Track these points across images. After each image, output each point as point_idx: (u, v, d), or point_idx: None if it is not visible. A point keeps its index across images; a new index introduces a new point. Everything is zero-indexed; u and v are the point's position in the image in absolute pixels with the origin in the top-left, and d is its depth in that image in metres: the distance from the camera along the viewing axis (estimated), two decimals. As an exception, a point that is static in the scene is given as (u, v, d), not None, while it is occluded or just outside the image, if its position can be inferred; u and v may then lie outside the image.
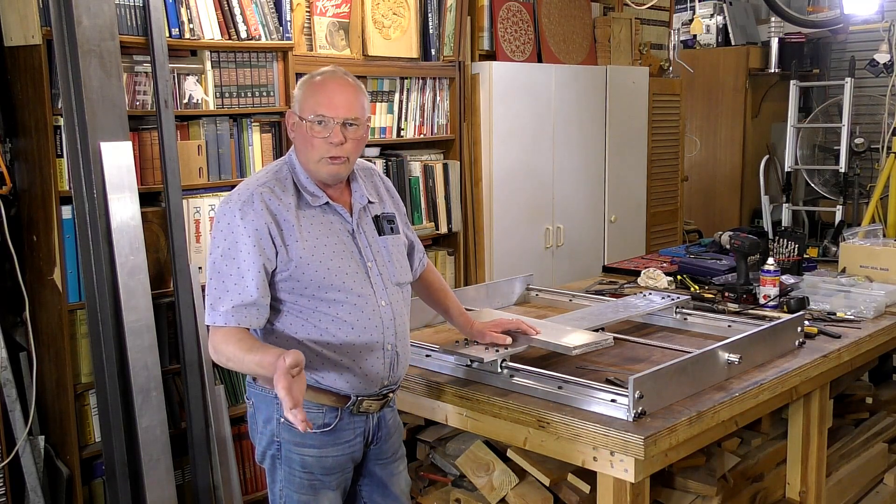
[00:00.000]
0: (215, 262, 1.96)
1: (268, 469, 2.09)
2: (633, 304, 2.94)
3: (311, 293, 1.97)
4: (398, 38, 3.81)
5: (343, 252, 2.02)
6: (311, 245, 1.97)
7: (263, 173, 2.05)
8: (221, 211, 1.98)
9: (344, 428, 2.05)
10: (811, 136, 6.48)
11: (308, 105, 1.98)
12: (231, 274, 1.93)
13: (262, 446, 2.08)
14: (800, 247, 3.59)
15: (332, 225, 2.03)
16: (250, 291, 1.92)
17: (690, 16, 6.23)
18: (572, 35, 4.72)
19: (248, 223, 1.93)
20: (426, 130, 4.01)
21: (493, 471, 2.46)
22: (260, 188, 1.97)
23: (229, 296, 1.93)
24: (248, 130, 3.33)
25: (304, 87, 2.02)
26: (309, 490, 2.05)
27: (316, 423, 1.99)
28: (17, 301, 2.97)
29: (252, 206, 1.94)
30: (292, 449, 2.03)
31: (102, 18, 2.78)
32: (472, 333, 2.36)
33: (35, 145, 2.87)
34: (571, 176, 4.65)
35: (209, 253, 1.99)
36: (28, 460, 2.91)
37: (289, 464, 2.04)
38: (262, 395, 2.05)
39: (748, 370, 2.38)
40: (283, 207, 1.97)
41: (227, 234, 1.95)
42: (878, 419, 3.50)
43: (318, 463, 2.04)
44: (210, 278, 1.96)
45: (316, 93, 1.99)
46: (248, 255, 1.93)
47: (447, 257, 4.15)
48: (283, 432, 2.02)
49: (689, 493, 2.59)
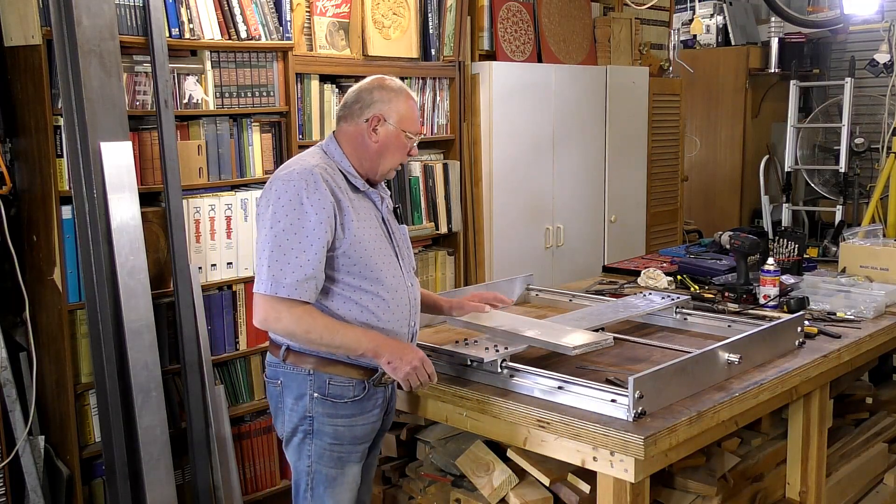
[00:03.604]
0: (277, 236, 2.03)
1: (295, 448, 2.20)
2: (633, 304, 2.94)
3: (359, 271, 2.11)
4: (398, 38, 3.81)
5: (381, 236, 2.19)
6: (362, 227, 2.12)
7: (309, 157, 2.16)
8: (283, 188, 2.05)
9: (370, 398, 2.20)
10: (811, 136, 6.48)
11: (410, 121, 2.20)
12: (293, 247, 2.02)
13: (292, 424, 2.18)
14: (800, 247, 3.59)
15: (371, 210, 2.20)
16: (313, 265, 2.03)
17: (690, 16, 6.23)
18: (572, 35, 4.72)
19: (314, 201, 2.04)
20: (426, 130, 4.01)
21: (493, 471, 2.45)
22: (317, 168, 2.09)
23: (291, 268, 2.02)
24: (248, 130, 3.33)
25: (402, 101, 2.20)
26: (337, 463, 2.19)
27: (346, 395, 2.16)
28: (17, 301, 2.97)
29: (316, 185, 2.05)
30: (325, 421, 2.15)
31: (102, 18, 2.78)
32: (451, 309, 2.52)
33: (35, 145, 2.87)
34: (571, 176, 4.65)
35: (266, 226, 2.05)
36: (28, 460, 2.91)
37: (320, 437, 2.16)
38: (291, 373, 2.16)
39: (748, 370, 2.38)
40: (338, 188, 2.11)
41: (289, 210, 2.03)
42: (878, 419, 3.50)
43: (350, 432, 2.18)
44: (271, 251, 2.03)
45: (414, 110, 2.22)
46: (314, 231, 2.03)
47: (447, 257, 4.15)
48: (316, 406, 2.15)
49: (689, 493, 2.59)
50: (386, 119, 2.17)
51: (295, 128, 3.43)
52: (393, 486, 2.77)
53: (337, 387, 2.14)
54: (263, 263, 2.05)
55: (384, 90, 2.19)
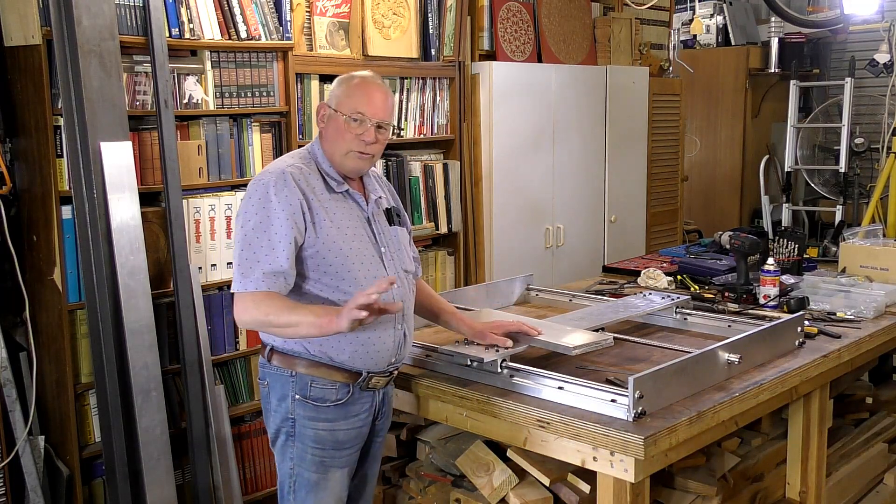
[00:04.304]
0: (246, 235, 2.05)
1: (279, 449, 2.19)
2: (633, 304, 2.94)
3: (335, 271, 2.09)
4: (398, 38, 3.81)
5: (361, 236, 2.16)
6: (335, 226, 2.11)
7: (289, 157, 2.18)
8: (253, 188, 2.09)
9: (355, 402, 2.16)
10: (811, 136, 6.48)
11: (348, 103, 2.14)
12: (262, 245, 2.03)
13: (275, 425, 2.17)
14: (800, 247, 3.59)
15: (351, 210, 2.17)
16: (281, 262, 2.02)
17: (690, 16, 6.23)
18: (572, 35, 4.72)
19: (281, 199, 2.05)
20: (426, 130, 4.01)
21: (493, 471, 2.45)
22: (290, 168, 2.10)
23: (260, 265, 2.02)
24: (248, 130, 3.33)
25: (344, 86, 2.18)
26: (320, 467, 2.16)
27: (328, 398, 2.13)
28: (17, 301, 2.97)
29: (285, 183, 2.06)
30: (306, 424, 2.13)
31: (102, 18, 2.78)
32: (473, 334, 2.38)
33: (35, 145, 2.87)
34: (571, 176, 4.65)
35: (238, 226, 2.08)
36: (28, 460, 2.91)
37: (302, 440, 2.14)
38: (276, 374, 2.15)
39: (748, 370, 2.38)
40: (310, 189, 2.10)
41: (258, 209, 2.05)
42: (878, 419, 3.50)
43: (331, 437, 2.15)
44: (241, 250, 2.05)
45: (357, 93, 2.15)
46: (281, 228, 2.03)
47: (447, 257, 4.15)
48: (297, 408, 2.13)
49: (689, 493, 2.59)
50: (329, 105, 2.18)
51: (295, 128, 3.43)
52: (393, 486, 2.77)
53: (319, 389, 2.12)
54: (235, 263, 2.07)
55: (338, 82, 2.21)
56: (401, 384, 2.40)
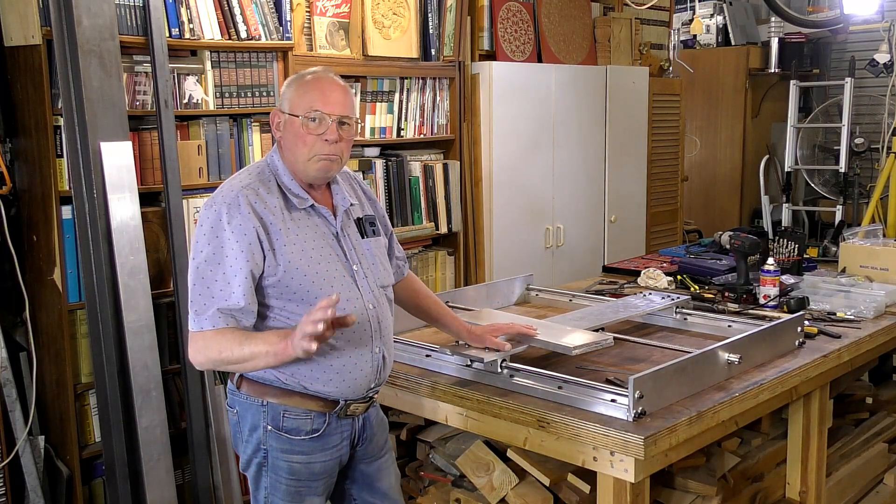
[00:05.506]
0: (199, 267, 1.88)
1: (252, 477, 2.05)
2: (633, 304, 2.94)
3: (300, 297, 1.92)
4: (398, 38, 3.81)
5: (330, 255, 1.98)
6: (299, 249, 1.93)
7: (245, 174, 1.99)
8: (205, 214, 1.91)
9: (332, 433, 2.02)
10: (811, 136, 6.48)
11: (302, 102, 1.95)
12: (216, 279, 1.86)
13: (247, 454, 2.04)
14: (800, 247, 3.59)
15: (317, 228, 1.99)
16: (237, 298, 1.86)
17: (690, 16, 6.23)
18: (572, 35, 4.72)
19: (234, 227, 1.87)
20: (426, 130, 4.01)
21: (493, 471, 2.45)
22: (244, 190, 1.92)
23: (215, 301, 1.86)
24: (247, 130, 3.33)
25: (294, 86, 2.00)
26: (295, 497, 2.02)
27: (304, 429, 1.98)
28: (17, 301, 2.97)
29: (238, 208, 1.88)
30: (280, 456, 1.99)
31: (102, 18, 2.78)
32: (471, 338, 2.34)
33: (35, 145, 2.87)
34: (571, 176, 4.65)
35: (192, 258, 1.91)
36: (28, 460, 2.91)
37: (275, 471, 2.01)
38: (246, 403, 2.01)
39: (748, 370, 2.38)
40: (268, 210, 1.92)
41: (210, 238, 1.88)
42: (878, 419, 3.50)
43: (307, 469, 2.01)
44: (193, 284, 1.88)
45: (310, 90, 1.97)
46: (236, 261, 1.86)
47: (447, 257, 4.15)
48: (270, 440, 1.99)
49: (689, 493, 2.59)
50: (282, 110, 1.99)
51: (295, 128, 3.43)
52: (393, 486, 2.77)
53: (292, 419, 1.97)
54: (189, 298, 1.89)
55: (288, 84, 2.03)
56: (401, 384, 2.40)
